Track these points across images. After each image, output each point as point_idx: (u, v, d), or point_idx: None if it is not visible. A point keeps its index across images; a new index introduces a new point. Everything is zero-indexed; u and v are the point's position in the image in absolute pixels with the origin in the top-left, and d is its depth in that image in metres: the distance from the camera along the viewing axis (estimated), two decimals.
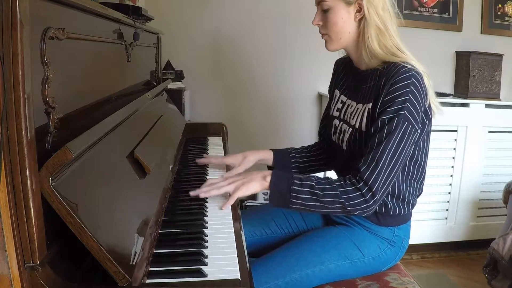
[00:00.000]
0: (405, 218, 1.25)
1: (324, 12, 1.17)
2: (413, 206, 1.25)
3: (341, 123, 1.27)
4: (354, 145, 1.20)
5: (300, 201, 1.08)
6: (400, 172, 1.18)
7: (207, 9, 2.45)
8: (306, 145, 1.48)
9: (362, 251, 1.19)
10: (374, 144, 1.08)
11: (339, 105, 1.30)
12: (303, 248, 1.18)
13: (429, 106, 1.15)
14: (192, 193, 1.15)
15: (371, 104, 1.15)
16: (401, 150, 1.08)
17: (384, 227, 1.22)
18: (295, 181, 1.10)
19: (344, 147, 1.24)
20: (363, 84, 1.21)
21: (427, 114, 1.15)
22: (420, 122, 1.12)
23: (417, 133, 1.11)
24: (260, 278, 1.11)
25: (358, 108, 1.20)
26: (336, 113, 1.31)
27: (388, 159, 1.07)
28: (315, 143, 1.48)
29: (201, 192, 1.14)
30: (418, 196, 1.27)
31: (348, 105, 1.26)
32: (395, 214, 1.20)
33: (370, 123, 1.15)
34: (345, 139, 1.23)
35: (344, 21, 1.15)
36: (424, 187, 1.29)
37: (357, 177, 1.08)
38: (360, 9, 1.14)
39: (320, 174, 1.52)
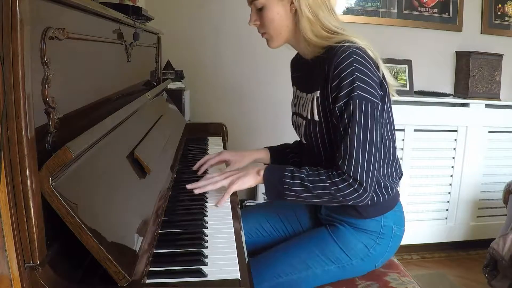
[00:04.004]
0: (389, 205, 1.20)
1: (259, 11, 1.15)
2: (392, 190, 1.19)
3: (297, 117, 1.25)
4: (311, 136, 1.17)
5: (293, 193, 1.09)
6: None
7: (207, 9, 2.45)
8: (298, 139, 1.48)
9: (349, 254, 1.16)
10: (341, 136, 1.06)
11: (295, 100, 1.29)
12: (289, 254, 1.18)
13: (383, 77, 1.11)
14: (188, 186, 1.17)
15: (318, 92, 1.13)
16: (370, 131, 1.05)
17: (369, 219, 1.17)
18: (287, 173, 1.10)
19: (304, 141, 1.22)
20: (311, 73, 1.19)
21: (383, 86, 1.11)
22: (380, 95, 1.08)
23: (380, 107, 1.07)
24: None
25: (307, 99, 1.18)
26: (293, 109, 1.30)
27: (361, 144, 1.04)
28: None
29: (197, 188, 1.16)
30: (397, 179, 1.22)
31: (300, 98, 1.24)
32: (375, 203, 1.16)
33: (322, 112, 1.13)
34: (302, 132, 1.21)
35: (280, 15, 1.13)
36: (424, 187, 1.28)
37: (339, 172, 1.06)
38: (293, 1, 1.11)
39: None
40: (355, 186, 1.05)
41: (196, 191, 1.16)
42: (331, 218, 1.23)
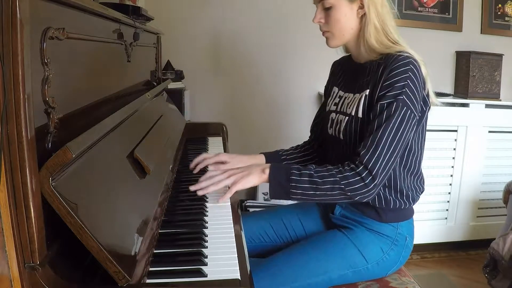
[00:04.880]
0: (406, 214, 1.23)
1: (326, 10, 1.18)
2: (413, 200, 1.23)
3: (338, 115, 1.26)
4: (351, 132, 1.19)
5: (300, 191, 1.09)
6: (398, 163, 1.17)
7: (207, 9, 2.45)
8: (294, 146, 1.48)
9: (366, 257, 1.17)
10: (373, 129, 1.09)
11: (337, 100, 1.30)
12: (307, 256, 1.17)
13: (428, 95, 1.16)
14: (191, 188, 1.15)
15: (368, 90, 1.16)
16: (400, 134, 1.08)
17: (386, 224, 1.20)
18: (294, 171, 1.10)
19: (341, 137, 1.23)
20: (362, 76, 1.22)
21: (426, 102, 1.16)
22: (420, 110, 1.13)
23: (416, 119, 1.12)
24: (261, 283, 1.10)
25: (355, 98, 1.21)
26: (333, 108, 1.31)
27: (388, 142, 1.07)
28: (304, 142, 1.48)
29: (200, 188, 1.15)
30: (419, 194, 1.25)
31: (346, 98, 1.26)
32: (395, 208, 1.19)
33: (367, 109, 1.15)
34: (342, 128, 1.22)
35: (347, 18, 1.17)
36: (424, 187, 1.28)
37: (357, 161, 1.08)
38: (362, 6, 1.15)
39: None
40: (367, 181, 1.06)
41: (200, 193, 1.14)
42: (347, 219, 1.23)
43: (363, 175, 1.06)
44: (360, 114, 1.17)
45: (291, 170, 1.11)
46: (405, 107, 1.09)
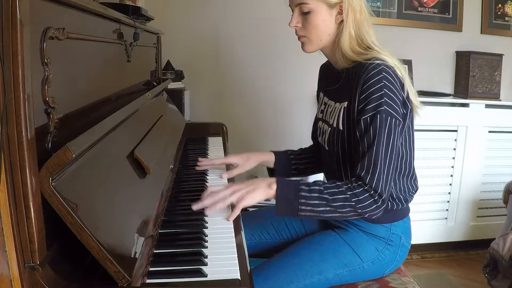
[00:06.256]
0: (400, 215, 1.22)
1: (304, 14, 1.16)
2: (406, 201, 1.22)
3: (323, 123, 1.27)
4: (333, 144, 1.19)
5: (309, 208, 1.06)
6: None
7: (207, 9, 2.45)
8: (303, 147, 1.48)
9: (360, 256, 1.17)
10: (365, 147, 1.08)
11: (322, 107, 1.30)
12: (302, 257, 1.17)
13: (408, 98, 1.14)
14: (194, 207, 1.08)
15: (346, 103, 1.15)
16: (392, 145, 1.08)
17: (379, 225, 1.19)
18: (303, 187, 1.07)
19: (326, 147, 1.24)
20: (339, 83, 1.21)
21: (406, 105, 1.14)
22: (402, 113, 1.12)
23: (401, 124, 1.11)
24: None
25: (335, 108, 1.21)
26: (320, 115, 1.31)
27: (383, 157, 1.06)
28: (310, 145, 1.49)
29: (205, 207, 1.08)
30: (412, 193, 1.24)
31: (329, 106, 1.26)
32: (387, 209, 1.17)
33: (347, 122, 1.15)
34: (326, 139, 1.23)
35: (326, 23, 1.15)
36: (424, 187, 1.28)
37: (360, 182, 1.07)
38: (341, 12, 1.13)
39: (319, 175, 1.53)
40: (375, 198, 1.06)
41: (207, 212, 1.08)
42: (342, 220, 1.23)
43: (372, 192, 1.06)
44: (341, 127, 1.16)
45: (300, 186, 1.07)
46: (389, 117, 1.07)
